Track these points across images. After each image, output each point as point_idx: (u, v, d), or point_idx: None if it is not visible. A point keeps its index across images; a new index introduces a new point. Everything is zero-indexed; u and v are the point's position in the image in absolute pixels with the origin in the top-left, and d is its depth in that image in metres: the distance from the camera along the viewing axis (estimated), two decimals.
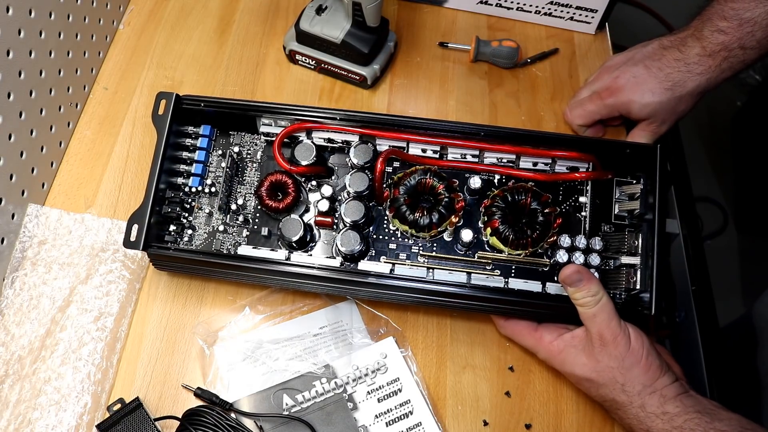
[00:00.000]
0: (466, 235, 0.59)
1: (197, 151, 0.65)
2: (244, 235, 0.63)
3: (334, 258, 0.60)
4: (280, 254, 0.59)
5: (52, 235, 0.66)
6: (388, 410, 0.59)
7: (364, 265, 0.59)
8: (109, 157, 0.73)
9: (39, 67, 0.66)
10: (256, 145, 0.67)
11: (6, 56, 0.60)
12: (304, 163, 0.63)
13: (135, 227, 0.58)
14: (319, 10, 0.76)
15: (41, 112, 0.67)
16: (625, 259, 0.60)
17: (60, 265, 0.64)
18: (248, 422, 0.57)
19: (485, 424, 0.60)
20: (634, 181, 0.63)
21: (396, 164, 0.65)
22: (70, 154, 0.73)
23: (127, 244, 0.58)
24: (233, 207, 0.64)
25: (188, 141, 0.66)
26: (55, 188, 0.70)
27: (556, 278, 0.60)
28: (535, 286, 0.59)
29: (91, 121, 0.76)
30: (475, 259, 0.61)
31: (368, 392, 0.60)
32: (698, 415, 0.52)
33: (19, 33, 0.62)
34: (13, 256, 0.64)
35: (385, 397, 0.59)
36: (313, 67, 0.80)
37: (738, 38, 0.65)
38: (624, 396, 0.54)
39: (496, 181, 0.64)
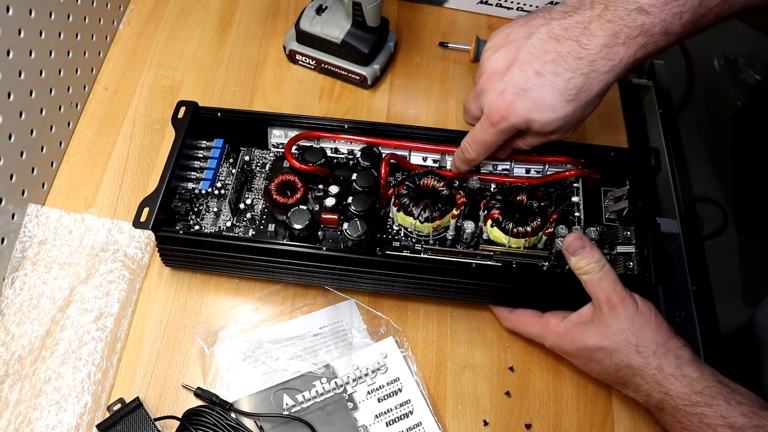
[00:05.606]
0: (469, 226, 0.60)
1: (209, 161, 0.66)
2: (251, 234, 0.63)
3: None
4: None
5: (52, 235, 0.66)
6: (388, 410, 0.59)
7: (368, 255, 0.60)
8: (109, 157, 0.73)
9: (39, 67, 0.66)
10: (265, 158, 0.68)
11: (6, 56, 0.60)
12: (312, 162, 0.64)
13: (146, 210, 0.59)
14: (319, 10, 0.76)
15: (41, 112, 0.67)
16: (621, 249, 0.61)
17: (60, 265, 0.65)
18: (248, 422, 0.57)
19: (485, 424, 0.60)
20: (619, 187, 0.65)
21: (398, 174, 0.66)
22: (70, 154, 0.73)
23: (137, 224, 0.58)
24: (241, 206, 0.64)
25: (201, 153, 0.67)
26: (55, 188, 0.70)
27: (554, 266, 0.60)
28: (537, 270, 0.60)
29: (91, 121, 0.76)
30: (478, 251, 0.61)
31: (368, 392, 0.60)
32: (719, 385, 0.51)
33: (19, 33, 0.62)
34: (13, 256, 0.64)
35: (385, 397, 0.59)
36: (313, 67, 0.80)
37: (662, 20, 0.49)
38: (639, 358, 0.53)
39: (492, 188, 0.65)
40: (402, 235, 0.63)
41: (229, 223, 0.64)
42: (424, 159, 0.67)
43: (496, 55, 0.56)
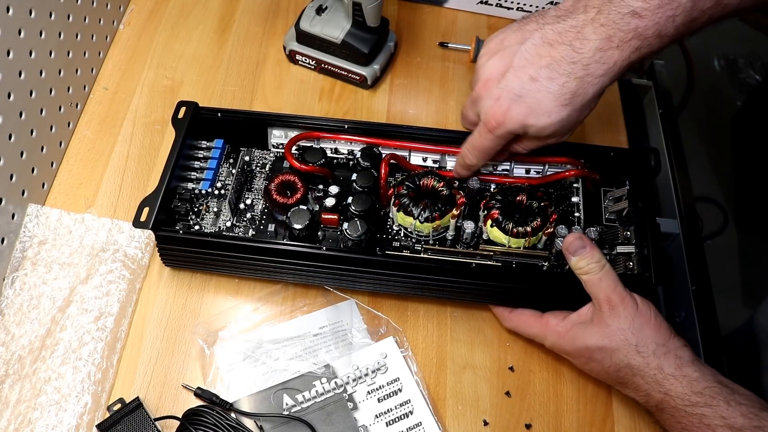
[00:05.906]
0: (469, 226, 0.60)
1: (209, 161, 0.66)
2: (251, 234, 0.63)
3: None
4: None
5: (52, 235, 0.66)
6: (388, 410, 0.59)
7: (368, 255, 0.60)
8: (109, 157, 0.73)
9: (39, 67, 0.66)
10: (265, 158, 0.68)
11: (6, 56, 0.60)
12: (312, 163, 0.64)
13: (146, 210, 0.59)
14: (319, 10, 0.76)
15: (41, 112, 0.67)
16: (621, 249, 0.61)
17: (60, 265, 0.65)
18: (248, 422, 0.57)
19: (485, 424, 0.60)
20: (619, 187, 0.65)
21: (398, 174, 0.66)
22: (70, 154, 0.73)
23: (137, 224, 0.58)
24: (241, 206, 0.64)
25: (201, 153, 0.67)
26: (55, 188, 0.70)
27: (554, 266, 0.60)
28: (537, 270, 0.60)
29: (91, 121, 0.76)
30: (478, 251, 0.61)
31: (368, 392, 0.60)
32: (719, 386, 0.51)
33: (19, 33, 0.62)
34: (13, 256, 0.64)
35: (385, 396, 0.59)
36: (313, 67, 0.80)
37: (655, 23, 0.50)
38: (639, 358, 0.53)
39: (492, 189, 0.65)
40: (402, 235, 0.63)
41: (229, 223, 0.64)
42: (424, 159, 0.67)
43: (491, 62, 0.56)
